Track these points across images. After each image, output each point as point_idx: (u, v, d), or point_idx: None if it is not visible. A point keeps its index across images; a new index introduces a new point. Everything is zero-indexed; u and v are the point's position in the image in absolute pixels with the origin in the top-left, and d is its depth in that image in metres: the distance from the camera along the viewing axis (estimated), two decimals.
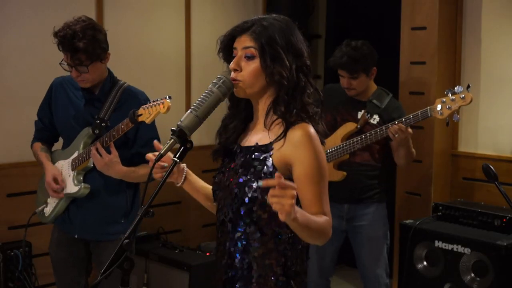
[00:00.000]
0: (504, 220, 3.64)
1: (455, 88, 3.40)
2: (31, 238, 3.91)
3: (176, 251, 4.27)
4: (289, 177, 1.97)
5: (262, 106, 2.07)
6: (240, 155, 2.07)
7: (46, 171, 3.16)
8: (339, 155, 3.68)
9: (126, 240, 1.86)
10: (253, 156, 2.02)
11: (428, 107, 3.44)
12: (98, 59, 3.00)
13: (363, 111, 3.73)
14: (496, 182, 3.08)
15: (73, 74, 3.00)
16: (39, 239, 3.97)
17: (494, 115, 4.24)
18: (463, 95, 3.36)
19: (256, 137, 2.07)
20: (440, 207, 3.94)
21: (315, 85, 2.09)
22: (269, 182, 1.74)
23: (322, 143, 2.05)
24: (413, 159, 3.73)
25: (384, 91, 3.79)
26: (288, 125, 1.99)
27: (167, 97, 2.75)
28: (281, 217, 1.74)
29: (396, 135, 3.46)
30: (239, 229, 2.03)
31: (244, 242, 2.03)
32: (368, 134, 3.59)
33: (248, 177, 2.00)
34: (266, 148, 2.01)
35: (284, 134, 1.99)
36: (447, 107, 3.38)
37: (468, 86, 3.37)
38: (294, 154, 1.97)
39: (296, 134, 1.98)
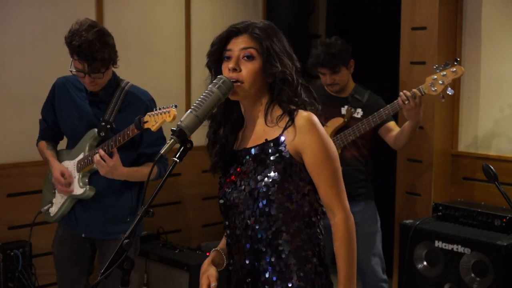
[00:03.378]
0: (504, 220, 3.64)
1: (443, 64, 3.47)
2: (31, 238, 3.91)
3: (176, 251, 4.27)
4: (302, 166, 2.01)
5: (258, 107, 2.09)
6: (248, 157, 2.08)
7: (53, 168, 3.17)
8: None
9: (126, 240, 1.86)
10: (267, 152, 2.03)
11: (420, 86, 3.50)
12: (113, 64, 3.03)
13: (346, 106, 3.80)
14: (496, 182, 3.08)
15: (86, 80, 2.99)
16: (39, 239, 3.97)
17: (494, 115, 4.24)
18: (454, 69, 3.43)
19: (259, 136, 2.08)
20: (440, 207, 3.94)
21: (306, 85, 2.12)
22: None
23: None
24: (414, 137, 3.73)
25: (361, 87, 3.89)
26: (293, 117, 2.02)
27: (173, 106, 2.76)
28: None
29: (406, 102, 3.46)
30: (263, 230, 2.04)
31: (274, 240, 2.03)
32: (360, 124, 3.65)
33: (267, 173, 2.01)
34: (278, 141, 2.03)
35: (292, 123, 2.01)
36: (440, 82, 3.44)
37: (456, 60, 3.45)
38: (302, 141, 2.00)
39: (299, 121, 2.01)
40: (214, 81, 2.01)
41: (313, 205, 2.06)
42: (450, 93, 3.48)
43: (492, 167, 3.14)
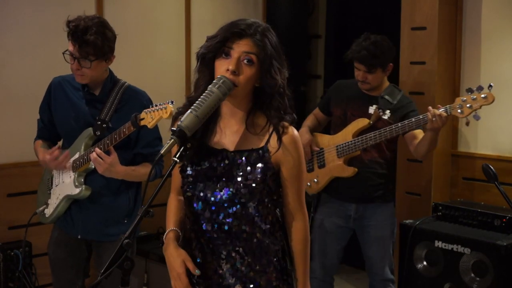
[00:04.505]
0: (504, 220, 3.64)
1: (476, 87, 3.33)
2: (31, 238, 3.91)
3: None
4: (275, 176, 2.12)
5: (241, 108, 2.11)
6: (227, 160, 2.10)
7: (39, 154, 3.15)
8: (350, 151, 3.66)
9: (126, 240, 1.86)
10: (251, 160, 2.08)
11: (448, 106, 3.38)
12: (104, 57, 2.99)
13: (375, 106, 3.70)
14: (496, 182, 3.09)
15: (74, 66, 2.97)
16: (39, 239, 3.97)
17: (494, 115, 4.24)
18: (485, 95, 3.30)
19: (242, 140, 2.11)
20: (440, 207, 3.94)
21: (289, 94, 2.15)
22: None
23: None
24: (435, 148, 3.62)
25: (396, 88, 3.79)
26: (278, 129, 2.09)
27: (170, 102, 2.75)
28: None
29: (434, 119, 3.36)
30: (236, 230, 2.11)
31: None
32: (382, 131, 3.56)
33: (248, 178, 2.06)
34: (263, 150, 2.09)
35: (279, 139, 2.09)
36: (468, 106, 3.32)
37: (490, 86, 3.29)
38: (286, 155, 2.10)
39: (287, 138, 2.10)
40: (214, 81, 2.01)
41: (275, 212, 2.18)
42: (476, 120, 3.35)
43: (492, 167, 3.14)
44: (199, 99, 1.98)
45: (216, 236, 2.12)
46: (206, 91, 2.00)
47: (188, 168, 2.14)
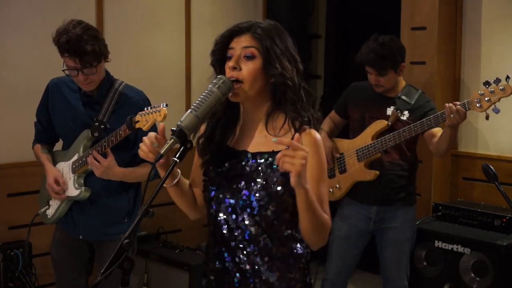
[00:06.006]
0: (504, 220, 3.64)
1: (493, 79, 3.23)
2: (31, 238, 3.90)
3: (176, 251, 4.27)
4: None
5: (260, 109, 2.07)
6: (249, 161, 2.06)
7: (47, 172, 3.15)
8: (370, 154, 3.61)
9: (126, 240, 1.85)
10: (271, 162, 2.02)
11: (466, 100, 3.29)
12: (104, 58, 3.00)
13: (392, 108, 3.64)
14: (496, 182, 3.08)
15: (80, 78, 2.96)
16: (39, 239, 3.97)
17: (494, 115, 4.23)
18: (503, 87, 3.20)
19: (262, 142, 2.06)
20: (440, 207, 3.94)
21: (308, 89, 2.09)
22: (283, 140, 1.81)
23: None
24: (454, 144, 3.52)
25: (413, 87, 3.71)
26: (295, 123, 2.01)
27: (164, 104, 2.75)
28: (292, 179, 1.81)
29: (452, 116, 3.27)
30: (249, 235, 2.04)
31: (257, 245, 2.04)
32: (401, 131, 3.49)
33: (265, 182, 2.01)
34: None
35: (296, 132, 1.99)
36: (486, 99, 3.23)
37: (508, 77, 3.19)
38: None
39: (305, 140, 1.99)
40: (213, 81, 2.00)
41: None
42: (496, 113, 3.24)
43: (492, 167, 3.14)
44: (199, 99, 1.98)
45: (234, 239, 2.07)
46: (206, 91, 1.99)
47: (211, 168, 2.12)
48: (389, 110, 3.65)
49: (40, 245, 4.01)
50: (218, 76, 2.01)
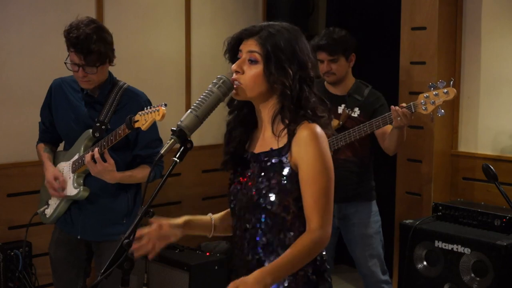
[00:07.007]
0: (504, 220, 3.64)
1: (438, 83, 3.38)
2: (31, 238, 3.91)
3: (176, 251, 4.27)
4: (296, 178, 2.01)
5: (267, 112, 2.08)
6: (254, 162, 2.08)
7: (46, 170, 3.16)
8: None
9: (126, 240, 1.86)
10: (271, 161, 2.04)
11: (412, 103, 3.41)
12: (109, 61, 3.02)
13: (343, 106, 3.72)
14: (496, 182, 3.09)
15: (79, 74, 2.98)
16: (39, 239, 3.97)
17: (494, 115, 4.24)
18: (446, 90, 3.34)
19: (268, 143, 2.08)
20: (440, 207, 3.94)
21: (320, 95, 2.09)
22: None
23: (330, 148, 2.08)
24: (403, 143, 3.63)
25: (362, 83, 3.79)
26: (292, 135, 2.01)
27: (163, 104, 2.77)
28: None
29: (398, 118, 3.37)
30: (260, 236, 2.05)
31: (269, 247, 2.05)
32: (351, 131, 3.56)
33: (268, 182, 2.02)
34: (281, 151, 2.03)
35: (288, 144, 2.01)
36: (431, 102, 3.36)
37: (452, 80, 3.35)
38: (299, 154, 2.00)
39: (302, 133, 2.00)
40: (214, 81, 2.01)
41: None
42: (440, 115, 3.38)
43: (492, 167, 3.14)
44: (199, 99, 1.99)
45: (241, 242, 2.09)
46: (206, 91, 2.00)
47: (231, 175, 2.16)
48: (340, 109, 3.73)
49: (40, 245, 4.01)
50: (218, 76, 2.02)
